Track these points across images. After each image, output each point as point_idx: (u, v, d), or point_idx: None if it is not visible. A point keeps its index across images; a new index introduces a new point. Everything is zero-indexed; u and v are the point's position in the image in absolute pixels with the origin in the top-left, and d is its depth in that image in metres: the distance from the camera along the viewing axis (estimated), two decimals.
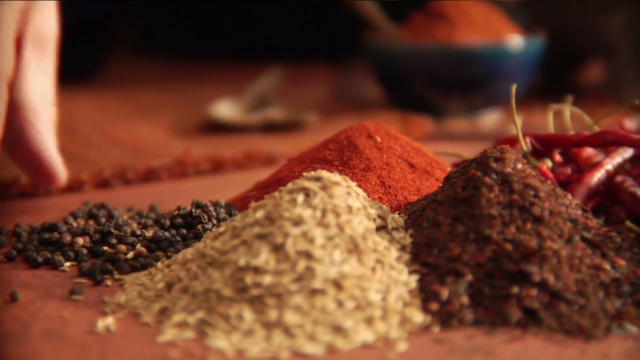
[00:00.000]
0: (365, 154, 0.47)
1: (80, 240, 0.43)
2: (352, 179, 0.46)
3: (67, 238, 0.43)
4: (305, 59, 0.93)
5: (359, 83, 0.87)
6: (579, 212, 0.40)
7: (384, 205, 0.42)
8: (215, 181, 0.58)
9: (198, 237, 0.44)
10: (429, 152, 0.50)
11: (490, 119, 0.75)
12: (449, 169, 0.49)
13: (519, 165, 0.41)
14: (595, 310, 0.36)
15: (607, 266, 0.38)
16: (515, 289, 0.37)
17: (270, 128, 0.70)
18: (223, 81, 0.87)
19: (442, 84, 0.73)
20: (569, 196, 0.41)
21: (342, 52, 0.92)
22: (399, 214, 0.43)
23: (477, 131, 0.72)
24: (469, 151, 0.54)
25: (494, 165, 0.40)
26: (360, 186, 0.45)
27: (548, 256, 0.37)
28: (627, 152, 0.47)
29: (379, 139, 0.48)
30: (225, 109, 0.71)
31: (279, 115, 0.71)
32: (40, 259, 0.41)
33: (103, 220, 0.46)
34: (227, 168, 0.60)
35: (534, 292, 0.36)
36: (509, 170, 0.40)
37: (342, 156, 0.48)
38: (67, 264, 0.41)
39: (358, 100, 0.82)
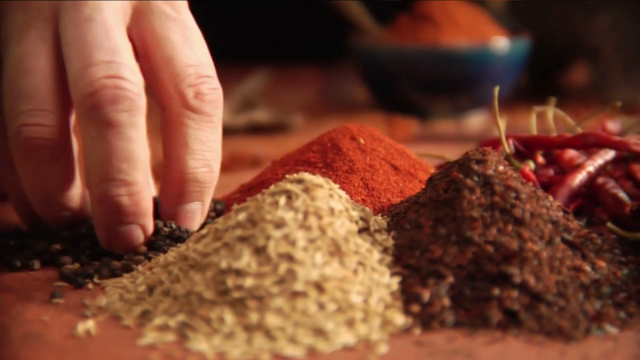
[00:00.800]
0: (349, 156, 0.48)
1: (57, 246, 0.43)
2: (335, 181, 0.46)
3: (41, 245, 0.43)
4: (293, 60, 0.93)
5: (345, 85, 0.87)
6: (560, 213, 0.41)
7: (367, 208, 0.42)
8: None
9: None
10: (412, 154, 0.50)
11: (475, 121, 0.75)
12: (432, 170, 0.49)
13: (501, 167, 0.41)
14: (575, 312, 0.36)
15: (588, 268, 0.38)
16: (496, 291, 0.37)
17: (256, 130, 0.70)
18: None
19: (428, 86, 0.73)
20: (550, 198, 0.41)
21: (330, 54, 0.92)
22: (382, 216, 0.43)
23: (462, 133, 0.72)
24: (455, 153, 0.54)
25: (475, 167, 0.40)
26: (343, 188, 0.45)
27: (529, 258, 0.38)
28: (609, 154, 0.48)
29: (362, 141, 0.48)
30: None
31: (265, 117, 0.71)
32: (18, 264, 0.41)
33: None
34: None
35: (514, 293, 0.37)
36: (490, 172, 0.40)
37: (325, 158, 0.48)
38: (37, 265, 0.41)
39: (345, 102, 0.82)
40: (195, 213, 0.43)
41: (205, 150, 0.42)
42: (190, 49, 0.42)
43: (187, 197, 0.42)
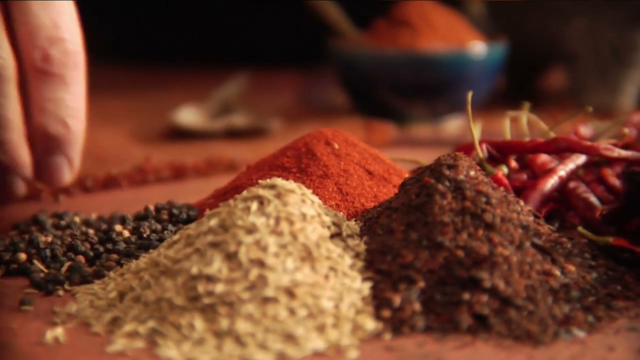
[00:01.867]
0: (323, 161, 0.48)
1: (22, 256, 0.42)
2: (309, 186, 0.46)
3: (6, 256, 0.42)
4: (272, 65, 0.93)
5: (324, 89, 0.87)
6: (531, 218, 0.41)
7: (340, 213, 0.42)
8: (176, 188, 0.58)
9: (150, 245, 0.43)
10: (386, 159, 0.50)
11: (453, 125, 0.75)
12: (406, 175, 0.49)
13: (472, 173, 0.41)
14: (544, 316, 0.36)
15: (557, 272, 0.39)
16: (466, 296, 0.37)
17: (233, 134, 0.70)
18: (188, 87, 0.87)
19: (405, 90, 0.73)
20: (521, 202, 0.42)
21: (309, 59, 0.92)
22: (355, 221, 0.43)
23: (439, 137, 0.72)
24: (431, 157, 0.54)
25: (447, 172, 0.41)
26: (317, 193, 0.45)
27: (499, 262, 0.38)
28: (580, 159, 0.48)
29: (336, 146, 0.48)
30: (189, 116, 0.71)
31: (243, 122, 0.70)
32: None
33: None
34: (189, 175, 0.60)
35: (484, 298, 0.37)
36: (461, 177, 0.40)
37: (299, 163, 0.48)
38: None
39: (323, 106, 0.82)
40: (58, 167, 0.45)
41: (57, 109, 0.45)
42: (44, 12, 0.45)
43: (46, 152, 0.45)
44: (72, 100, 0.45)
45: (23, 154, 0.44)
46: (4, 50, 0.43)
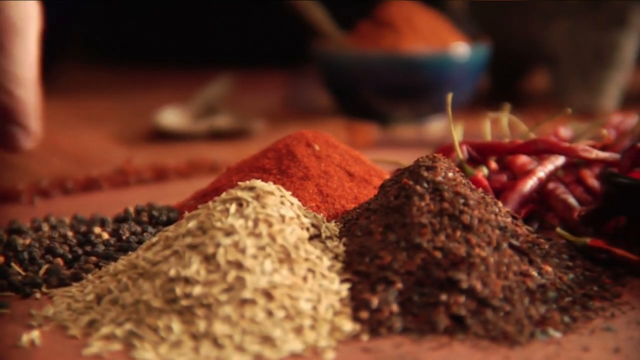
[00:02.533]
0: (304, 162, 0.48)
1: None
2: (290, 188, 0.46)
3: None
4: (256, 66, 0.93)
5: (308, 90, 0.87)
6: (509, 219, 0.41)
7: (319, 214, 0.42)
8: (157, 190, 0.58)
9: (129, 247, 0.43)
10: (367, 160, 0.50)
11: (436, 126, 0.75)
12: (387, 177, 0.49)
13: (450, 174, 0.41)
14: (520, 317, 0.37)
15: (534, 273, 0.39)
16: (443, 297, 0.37)
17: (216, 136, 0.70)
18: (171, 88, 0.86)
19: (389, 92, 0.74)
20: (500, 204, 0.42)
21: (293, 60, 0.92)
22: (335, 222, 0.43)
23: (423, 138, 0.72)
24: (413, 159, 0.54)
25: (425, 174, 0.41)
26: (297, 195, 0.45)
27: (476, 263, 0.38)
28: (559, 160, 0.48)
29: (317, 148, 0.48)
30: (172, 117, 0.71)
31: (226, 123, 0.70)
32: None
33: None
34: (171, 177, 0.60)
35: (461, 299, 0.37)
36: (439, 179, 0.41)
37: (280, 165, 0.48)
38: None
39: (307, 107, 0.82)
40: (14, 136, 0.46)
41: (1, 79, 0.45)
42: None
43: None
44: (15, 68, 0.45)
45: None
46: None
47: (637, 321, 0.37)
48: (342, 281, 0.38)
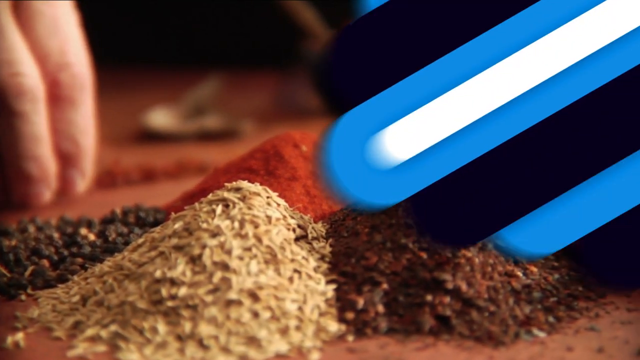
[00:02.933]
0: (291, 163, 0.48)
1: None
2: (277, 189, 0.46)
3: None
4: (246, 66, 0.93)
5: (299, 91, 0.87)
6: None
7: (306, 215, 0.43)
8: (145, 191, 0.58)
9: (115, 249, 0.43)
10: None
11: None
12: None
13: None
14: (505, 317, 0.37)
15: (519, 273, 0.39)
16: (429, 297, 0.37)
17: (205, 137, 0.70)
18: (160, 88, 0.86)
19: None
20: None
21: (283, 60, 0.92)
22: (322, 223, 0.43)
23: None
24: None
25: None
26: (285, 195, 0.45)
27: (462, 264, 0.38)
28: None
29: (305, 148, 0.49)
30: (161, 118, 0.71)
31: (215, 124, 0.70)
32: None
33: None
34: (158, 178, 0.60)
35: (447, 299, 0.37)
36: None
37: (267, 165, 0.48)
38: None
39: (297, 108, 0.82)
40: (72, 179, 0.52)
41: (68, 128, 0.51)
42: (52, 40, 0.50)
43: (61, 166, 0.51)
44: (81, 119, 0.51)
45: (51, 167, 0.50)
46: (32, 67, 0.49)
47: (621, 321, 0.37)
48: (328, 282, 0.38)
